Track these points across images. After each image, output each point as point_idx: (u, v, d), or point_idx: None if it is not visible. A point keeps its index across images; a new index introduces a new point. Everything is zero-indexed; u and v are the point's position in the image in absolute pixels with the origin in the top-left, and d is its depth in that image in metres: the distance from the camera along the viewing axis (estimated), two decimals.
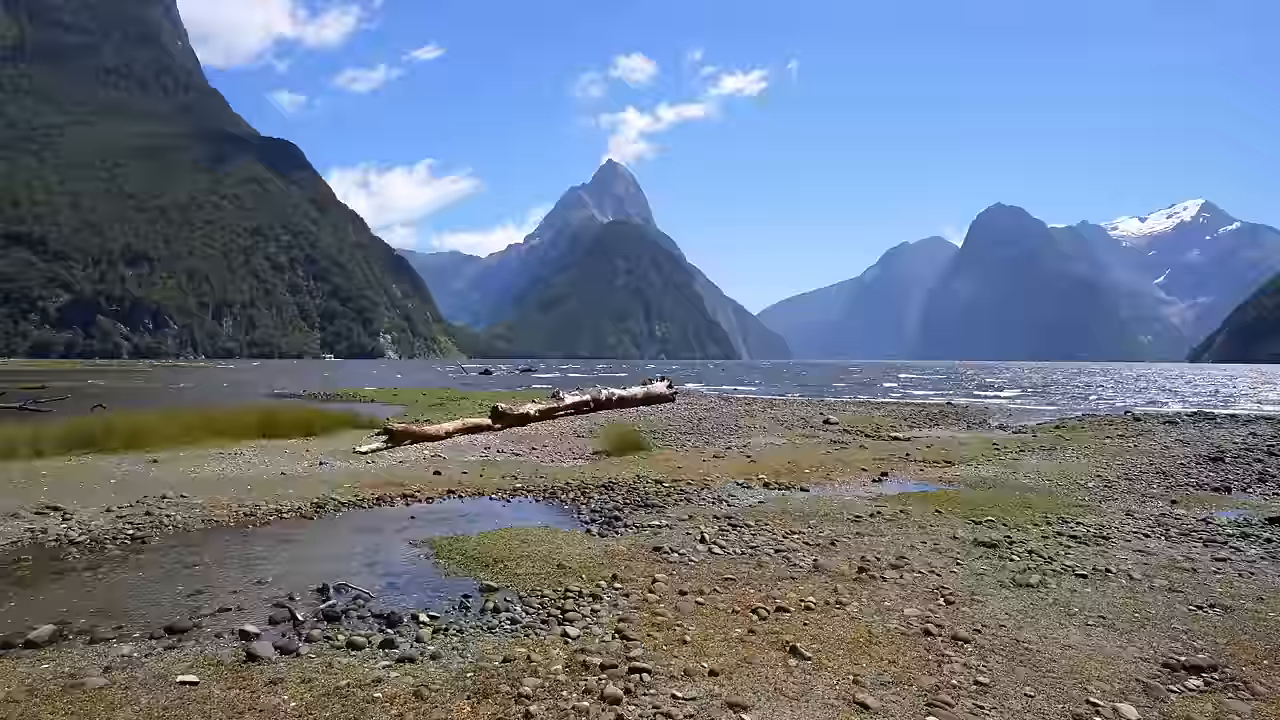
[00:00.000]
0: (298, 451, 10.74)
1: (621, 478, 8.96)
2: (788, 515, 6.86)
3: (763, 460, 10.74)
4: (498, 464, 10.14)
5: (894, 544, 5.78)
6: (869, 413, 20.89)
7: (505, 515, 7.08)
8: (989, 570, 5.08)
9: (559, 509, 7.44)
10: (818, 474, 9.75)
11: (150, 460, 9.73)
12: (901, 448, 12.58)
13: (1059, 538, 6.07)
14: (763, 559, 5.29)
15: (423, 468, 9.60)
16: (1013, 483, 9.21)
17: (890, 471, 10.01)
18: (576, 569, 5.01)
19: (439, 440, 12.28)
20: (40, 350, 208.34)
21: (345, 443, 11.87)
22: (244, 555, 5.51)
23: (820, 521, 6.60)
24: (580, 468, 9.95)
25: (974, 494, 8.29)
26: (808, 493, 8.43)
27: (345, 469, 9.45)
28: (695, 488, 8.43)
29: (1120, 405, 28.35)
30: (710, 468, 9.97)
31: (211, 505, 7.07)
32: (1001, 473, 9.99)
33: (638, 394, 19.18)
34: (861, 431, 16.09)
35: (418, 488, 8.15)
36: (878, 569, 5.03)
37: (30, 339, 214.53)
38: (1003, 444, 13.27)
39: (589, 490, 8.18)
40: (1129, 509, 7.76)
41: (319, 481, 8.41)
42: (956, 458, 11.44)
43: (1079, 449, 12.49)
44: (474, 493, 8.08)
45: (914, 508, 7.35)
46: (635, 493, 8.05)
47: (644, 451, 11.27)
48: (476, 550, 5.51)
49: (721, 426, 15.66)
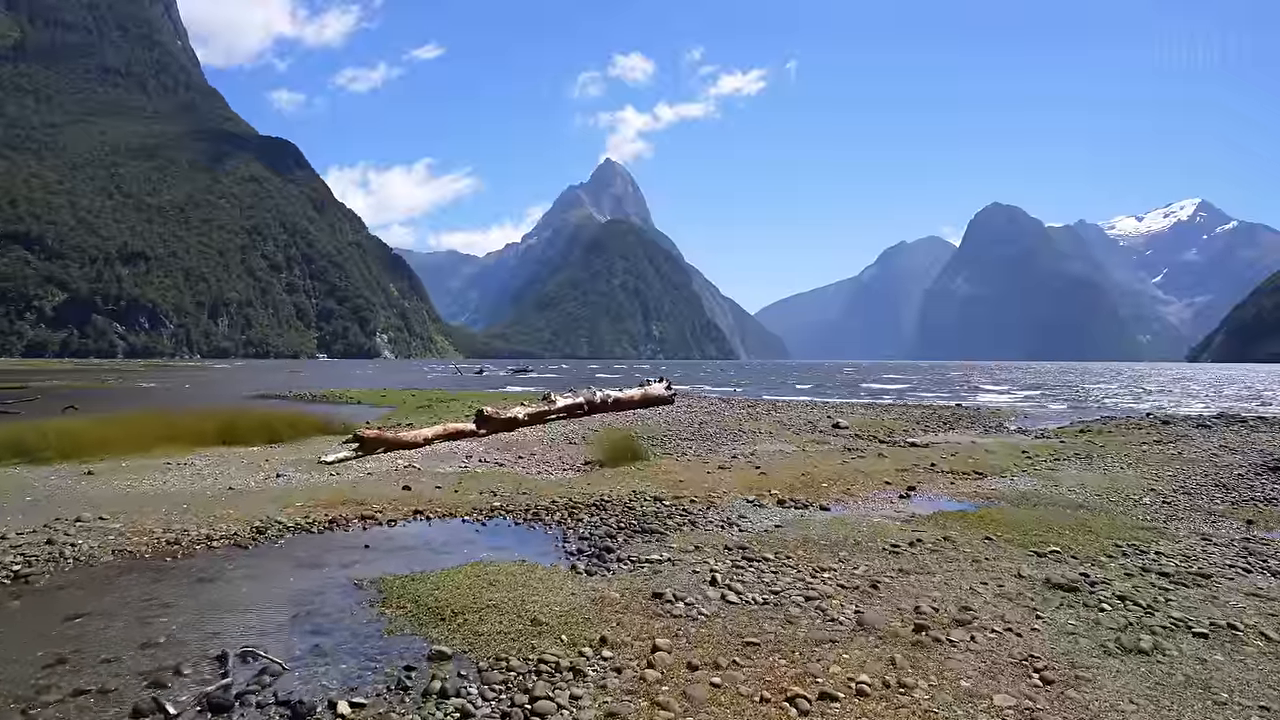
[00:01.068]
0: (256, 461, 9.64)
1: (616, 494, 7.88)
2: (812, 544, 5.78)
3: (773, 472, 9.66)
4: (478, 476, 9.05)
5: (949, 586, 4.71)
6: (879, 416, 19.80)
7: (477, 544, 5.99)
8: (1080, 627, 4.01)
9: (541, 535, 6.35)
10: (836, 488, 8.68)
11: (85, 472, 8.63)
12: (923, 456, 11.51)
13: (1145, 575, 5.00)
14: (791, 610, 4.20)
15: (392, 481, 8.52)
16: (1059, 498, 8.14)
17: (918, 485, 8.94)
18: (555, 625, 3.93)
19: (416, 448, 11.19)
20: (36, 350, 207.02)
21: (313, 450, 10.78)
22: (144, 601, 4.42)
23: (852, 553, 5.52)
24: (570, 481, 8.86)
25: (1020, 514, 7.22)
26: (829, 512, 7.35)
27: (303, 483, 8.36)
28: (700, 506, 7.36)
29: (1133, 406, 27.32)
30: (716, 481, 8.89)
31: (131, 530, 5.98)
32: (1042, 486, 8.92)
33: (634, 396, 18.09)
34: (875, 437, 15.03)
35: (380, 507, 7.06)
36: (939, 626, 3.95)
37: (26, 338, 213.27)
38: (1032, 451, 12.19)
39: (578, 511, 7.09)
40: (1201, 531, 6.71)
41: (268, 499, 7.32)
42: (986, 468, 10.37)
43: (1118, 457, 11.42)
44: (445, 513, 6.99)
45: (958, 533, 6.28)
46: (631, 513, 6.97)
47: (641, 461, 10.18)
48: (434, 595, 4.43)
49: (725, 431, 14.56)
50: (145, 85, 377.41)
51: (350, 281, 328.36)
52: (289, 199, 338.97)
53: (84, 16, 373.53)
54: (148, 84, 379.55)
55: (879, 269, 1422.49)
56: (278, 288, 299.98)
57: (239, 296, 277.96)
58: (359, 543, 5.91)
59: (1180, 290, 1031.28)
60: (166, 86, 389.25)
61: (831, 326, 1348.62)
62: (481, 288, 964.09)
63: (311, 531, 6.21)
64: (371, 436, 10.39)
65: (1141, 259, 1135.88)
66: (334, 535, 6.17)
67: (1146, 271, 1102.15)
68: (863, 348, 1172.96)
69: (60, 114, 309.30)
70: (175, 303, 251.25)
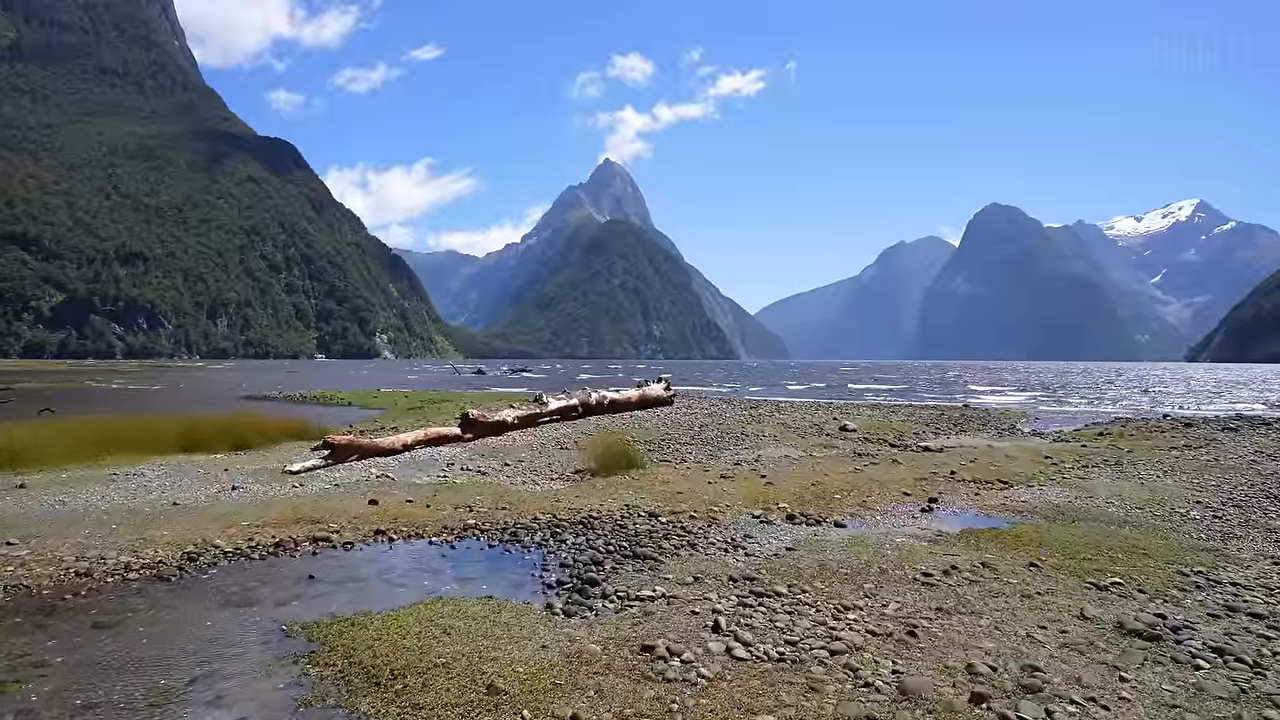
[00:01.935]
0: (213, 472, 8.80)
1: (606, 509, 7.05)
2: (831, 572, 4.95)
3: (780, 481, 8.83)
4: (456, 488, 8.21)
5: (1002, 633, 3.88)
6: (886, 417, 18.95)
7: (442, 573, 5.15)
8: (1180, 695, 3.17)
9: (517, 561, 5.51)
10: (851, 500, 7.85)
11: (17, 485, 7.80)
12: (940, 462, 10.67)
13: (1234, 616, 4.17)
14: (813, 670, 3.37)
15: (359, 494, 7.68)
16: (1097, 513, 7.31)
17: (939, 496, 8.11)
18: (517, 695, 3.10)
19: (394, 454, 10.36)
20: (34, 351, 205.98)
21: (281, 458, 9.95)
22: (13, 660, 3.59)
23: (879, 584, 4.69)
24: (557, 493, 8.03)
25: (1061, 532, 6.39)
26: (845, 529, 6.53)
27: (259, 497, 7.52)
28: (700, 524, 6.53)
29: (1145, 407, 26.49)
30: (717, 492, 8.06)
31: (38, 558, 5.15)
32: (1075, 498, 8.10)
33: (632, 397, 17.26)
34: (884, 440, 14.22)
35: (338, 526, 6.22)
36: (1002, 694, 3.12)
37: (23, 339, 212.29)
38: (1055, 456, 11.37)
39: (562, 530, 6.26)
40: (1269, 553, 5.89)
41: (212, 517, 6.49)
42: (1010, 476, 9.55)
43: (1150, 464, 10.59)
44: (411, 533, 6.15)
45: (996, 556, 5.46)
46: (622, 532, 6.14)
47: (637, 470, 9.35)
48: (373, 648, 3.60)
49: (726, 435, 13.73)
50: (142, 85, 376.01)
51: (349, 282, 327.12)
52: (288, 199, 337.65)
53: (80, 16, 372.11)
54: (145, 84, 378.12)
55: (879, 269, 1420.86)
56: (277, 288, 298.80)
57: (238, 297, 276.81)
58: (304, 571, 5.08)
59: (1179, 290, 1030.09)
60: (164, 87, 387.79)
61: (831, 326, 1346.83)
62: (481, 288, 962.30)
63: (252, 558, 5.38)
64: (343, 443, 9.56)
65: (1140, 259, 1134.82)
66: (277, 562, 5.34)
67: (1145, 272, 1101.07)
68: (862, 348, 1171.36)
69: (57, 114, 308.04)
70: (174, 303, 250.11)
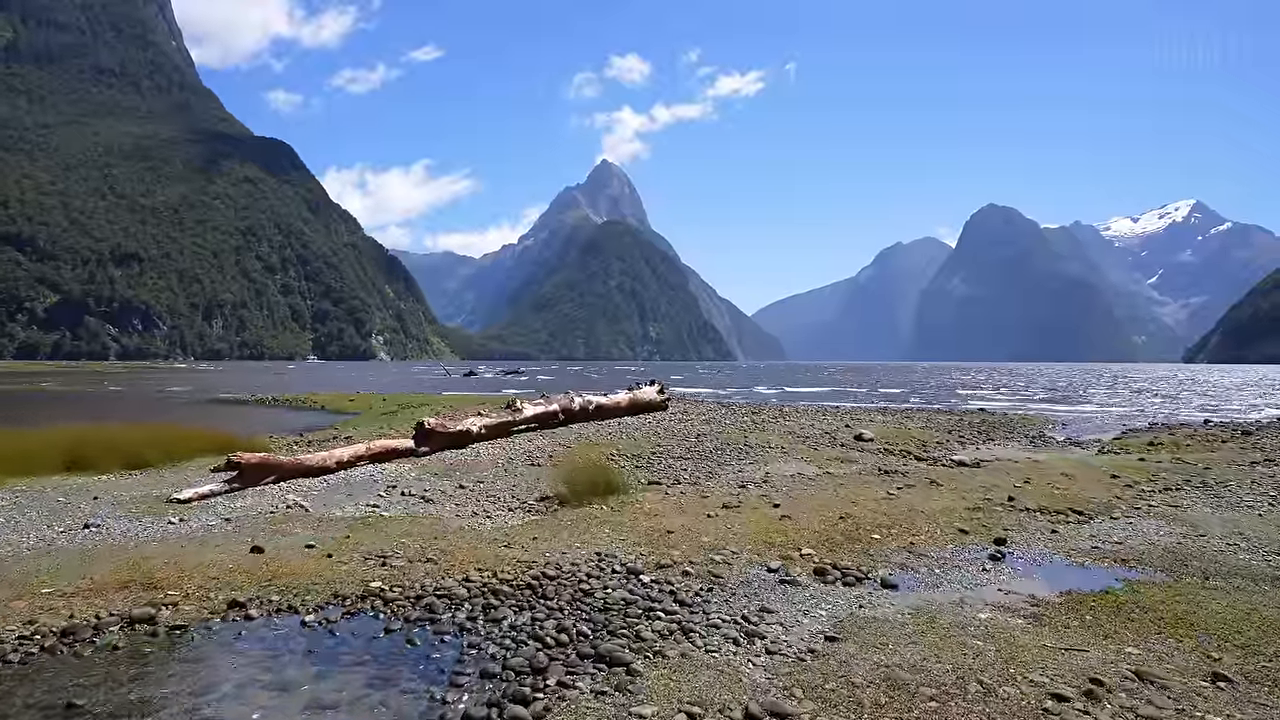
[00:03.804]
0: (76, 500, 6.92)
1: (569, 560, 5.19)
2: (905, 693, 3.11)
3: (798, 512, 6.95)
4: (379, 525, 6.35)
5: None
6: (902, 424, 17.07)
7: (284, 699, 3.29)
8: None
9: (418, 664, 3.62)
10: (893, 540, 6.00)
11: None
12: (985, 483, 8.82)
13: None
14: None
15: (246, 534, 5.82)
16: (1228, 561, 5.47)
17: (1006, 535, 6.25)
18: None
19: (327, 473, 8.50)
20: (28, 352, 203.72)
21: (180, 480, 8.09)
22: None
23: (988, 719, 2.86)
24: (510, 532, 6.16)
25: (1204, 599, 4.55)
26: (898, 592, 4.69)
27: (111, 539, 5.64)
28: (698, 584, 4.68)
29: (1176, 411, 24.72)
30: (720, 531, 6.20)
31: None
32: (1184, 537, 6.25)
33: (621, 402, 15.40)
34: (908, 452, 12.38)
35: (181, 592, 4.35)
36: None
37: (17, 340, 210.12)
38: (1121, 474, 9.51)
39: (499, 600, 4.39)
40: None
41: (15, 577, 4.62)
42: (1082, 503, 7.69)
43: (1243, 484, 8.76)
44: (284, 605, 4.29)
45: (1142, 650, 3.63)
46: (586, 604, 4.29)
47: (617, 496, 7.47)
48: None
49: (727, 446, 11.81)
50: (139, 86, 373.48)
51: (346, 283, 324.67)
52: (284, 200, 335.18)
53: (77, 17, 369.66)
54: (141, 85, 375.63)
55: (875, 270, 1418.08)
56: (272, 289, 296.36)
57: (233, 298, 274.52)
58: (67, 694, 3.22)
59: (1175, 291, 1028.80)
60: (160, 87, 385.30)
61: (828, 327, 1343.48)
62: (478, 289, 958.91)
63: (10, 660, 3.52)
64: (254, 463, 7.69)
65: (1137, 260, 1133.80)
66: (44, 665, 3.48)
67: (1142, 272, 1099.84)
68: (860, 348, 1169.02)
69: (53, 115, 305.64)
70: (169, 304, 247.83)
